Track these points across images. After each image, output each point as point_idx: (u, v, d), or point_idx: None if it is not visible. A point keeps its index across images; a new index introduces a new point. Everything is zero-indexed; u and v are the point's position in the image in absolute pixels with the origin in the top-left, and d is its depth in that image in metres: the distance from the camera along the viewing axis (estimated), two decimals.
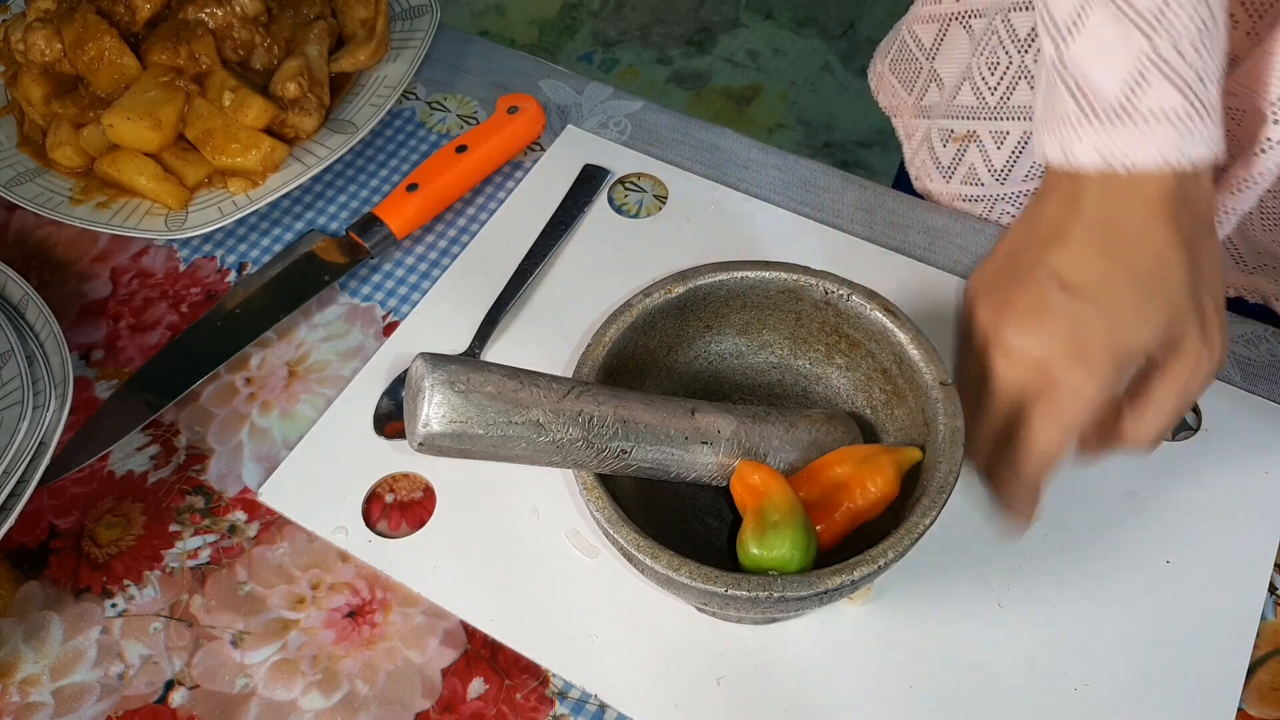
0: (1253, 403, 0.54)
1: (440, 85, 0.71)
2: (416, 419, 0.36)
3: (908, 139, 0.69)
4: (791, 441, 0.45)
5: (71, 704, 0.48)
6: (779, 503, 0.41)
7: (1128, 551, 0.50)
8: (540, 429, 0.38)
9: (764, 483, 0.42)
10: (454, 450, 0.37)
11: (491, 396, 0.37)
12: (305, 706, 0.48)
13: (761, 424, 0.45)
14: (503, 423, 0.37)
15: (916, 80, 0.66)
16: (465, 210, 0.64)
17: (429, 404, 0.36)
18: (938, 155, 0.64)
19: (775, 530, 0.41)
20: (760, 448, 0.44)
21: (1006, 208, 0.63)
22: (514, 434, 0.37)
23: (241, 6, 0.63)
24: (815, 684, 0.47)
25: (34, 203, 0.60)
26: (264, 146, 0.61)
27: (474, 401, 0.36)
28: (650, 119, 0.68)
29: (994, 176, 0.61)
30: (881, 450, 0.45)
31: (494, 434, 0.37)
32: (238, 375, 0.58)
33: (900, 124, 0.70)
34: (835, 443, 0.46)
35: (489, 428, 0.37)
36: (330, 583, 0.51)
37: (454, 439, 0.36)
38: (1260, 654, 0.47)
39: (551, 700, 0.47)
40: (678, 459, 0.42)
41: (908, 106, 0.68)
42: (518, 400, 0.37)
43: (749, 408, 0.46)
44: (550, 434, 0.38)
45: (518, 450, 0.38)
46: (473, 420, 0.36)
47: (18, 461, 0.48)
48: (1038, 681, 0.47)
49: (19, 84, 0.63)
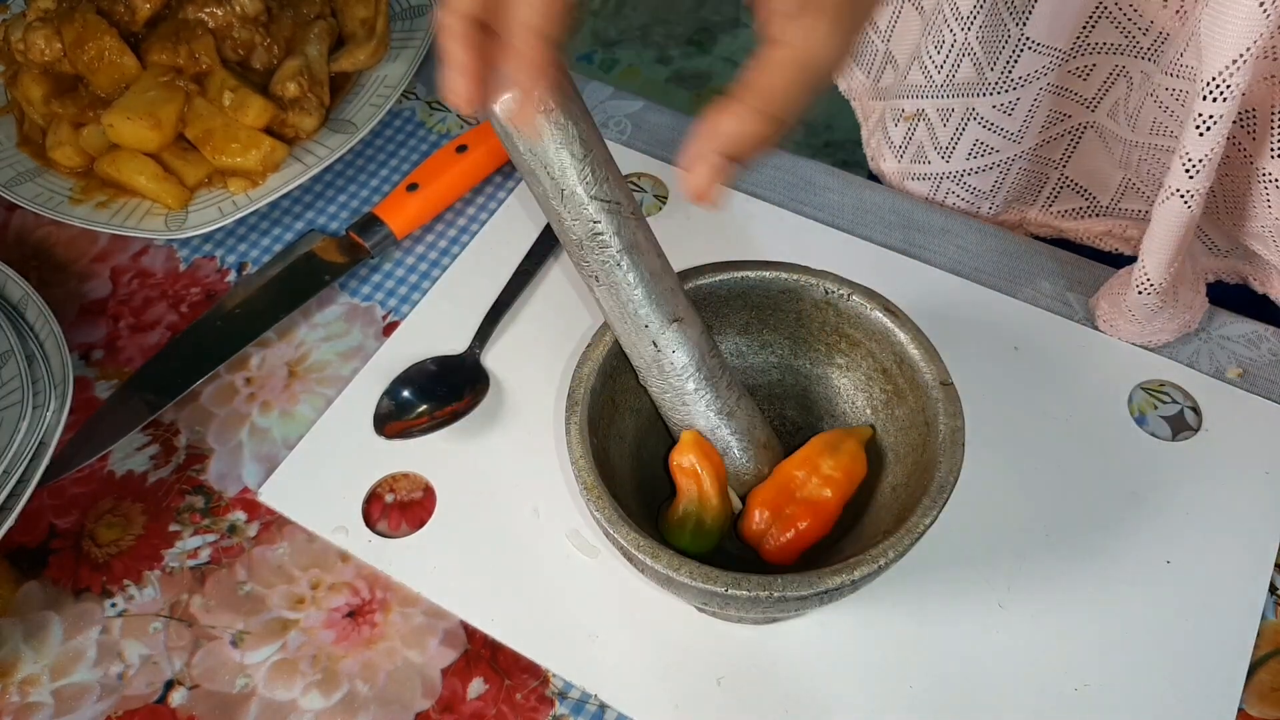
0: (1253, 403, 0.54)
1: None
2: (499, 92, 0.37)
3: (864, 121, 0.70)
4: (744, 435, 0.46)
5: (71, 704, 0.48)
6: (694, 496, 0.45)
7: (1127, 551, 0.50)
8: (562, 198, 0.39)
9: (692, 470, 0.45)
10: (501, 137, 0.39)
11: (556, 140, 0.38)
12: (305, 706, 0.48)
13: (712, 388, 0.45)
14: (540, 164, 0.38)
15: (874, 63, 0.67)
16: (465, 210, 0.64)
17: (513, 91, 0.36)
18: (890, 135, 0.64)
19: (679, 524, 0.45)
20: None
21: (952, 186, 0.63)
22: (538, 182, 0.39)
23: (241, 6, 0.63)
24: (815, 684, 0.47)
25: (34, 202, 0.60)
26: (264, 146, 0.61)
27: (538, 126, 0.38)
28: (650, 119, 0.68)
29: (939, 154, 0.62)
30: (838, 435, 0.46)
31: (528, 164, 0.39)
32: (238, 375, 0.58)
33: (859, 107, 0.71)
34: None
35: (528, 157, 0.38)
36: (330, 583, 0.51)
37: (503, 133, 0.38)
38: (1261, 654, 0.47)
39: (551, 700, 0.47)
40: (631, 344, 0.43)
41: (865, 89, 0.69)
42: (563, 164, 0.38)
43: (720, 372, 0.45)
44: (563, 215, 0.40)
45: (536, 190, 0.40)
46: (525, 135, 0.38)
47: (18, 461, 0.48)
48: (1038, 681, 0.47)
49: (19, 84, 0.63)
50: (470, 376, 0.56)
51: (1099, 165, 0.60)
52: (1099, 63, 0.55)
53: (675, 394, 0.44)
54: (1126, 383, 0.55)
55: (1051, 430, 0.53)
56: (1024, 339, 0.56)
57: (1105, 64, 0.54)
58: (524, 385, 0.56)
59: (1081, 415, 0.54)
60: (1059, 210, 0.63)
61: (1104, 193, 0.61)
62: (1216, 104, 0.44)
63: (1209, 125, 0.45)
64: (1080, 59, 0.55)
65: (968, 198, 0.63)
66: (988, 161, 0.61)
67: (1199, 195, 0.47)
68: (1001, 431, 0.53)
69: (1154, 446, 0.53)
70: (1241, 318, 0.57)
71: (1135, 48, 0.53)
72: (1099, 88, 0.56)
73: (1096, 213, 0.62)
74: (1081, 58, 0.55)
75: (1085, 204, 0.62)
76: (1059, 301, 0.58)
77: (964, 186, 0.63)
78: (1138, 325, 0.55)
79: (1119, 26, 0.52)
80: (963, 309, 0.58)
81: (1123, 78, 0.54)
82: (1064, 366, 0.55)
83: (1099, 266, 0.59)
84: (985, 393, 0.53)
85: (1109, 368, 0.55)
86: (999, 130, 0.59)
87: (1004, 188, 0.62)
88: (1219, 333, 0.56)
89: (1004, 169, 0.61)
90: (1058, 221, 0.64)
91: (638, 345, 0.43)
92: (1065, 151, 0.60)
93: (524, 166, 0.39)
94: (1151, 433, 0.53)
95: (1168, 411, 0.54)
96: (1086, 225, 0.63)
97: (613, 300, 0.42)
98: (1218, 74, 0.43)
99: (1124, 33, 0.52)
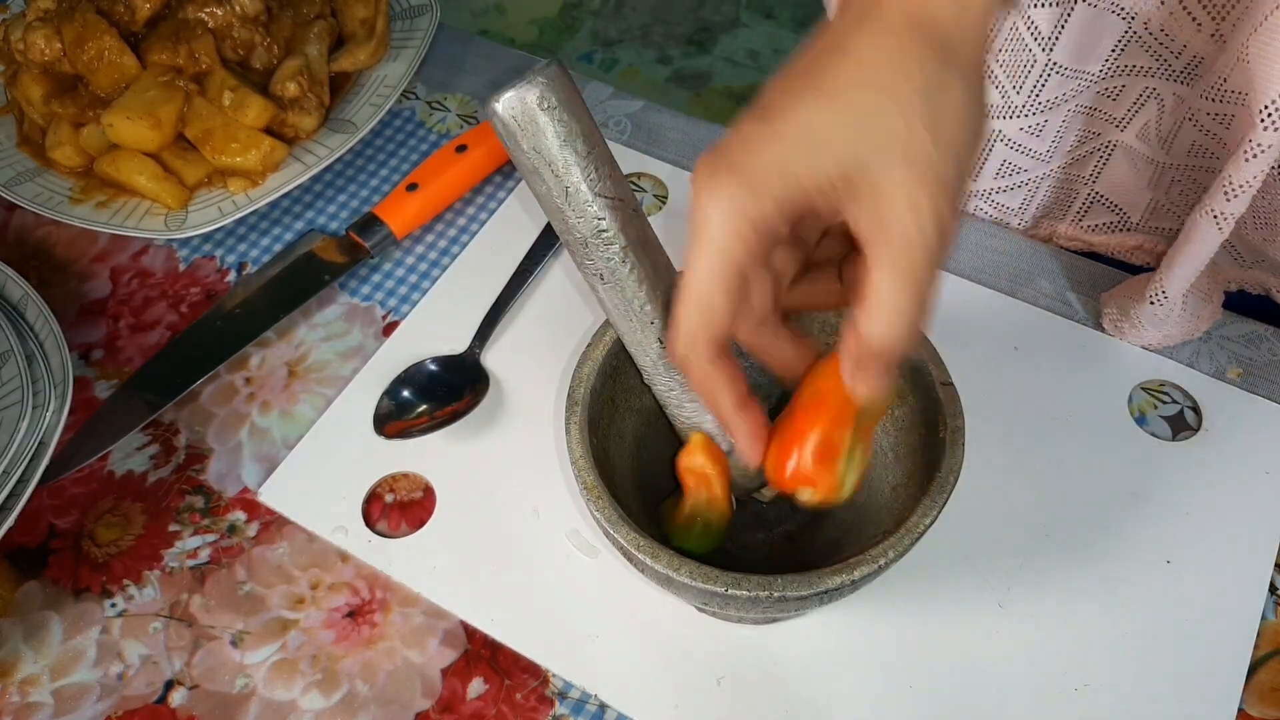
0: (1253, 403, 0.54)
1: (440, 85, 0.71)
2: (500, 91, 0.37)
3: None
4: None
5: (71, 704, 0.48)
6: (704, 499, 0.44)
7: (1128, 551, 0.50)
8: (566, 196, 0.39)
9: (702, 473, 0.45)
10: (503, 137, 0.38)
11: (558, 137, 0.38)
12: (305, 706, 0.48)
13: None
14: (544, 162, 0.38)
15: None
16: (465, 210, 0.64)
17: (514, 90, 0.37)
18: None
19: (686, 524, 0.44)
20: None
21: (980, 203, 0.63)
22: (541, 182, 0.39)
23: (241, 6, 0.63)
24: (815, 684, 0.47)
25: (33, 202, 0.60)
26: (264, 146, 0.61)
27: (541, 123, 0.37)
28: (650, 119, 0.68)
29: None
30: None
31: (530, 163, 0.38)
32: (237, 375, 0.58)
33: None
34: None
35: (531, 156, 0.38)
36: (330, 583, 0.51)
37: (505, 132, 0.38)
38: (1260, 654, 0.47)
39: (551, 700, 0.47)
40: (636, 342, 0.43)
41: None
42: (567, 161, 0.38)
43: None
44: (566, 213, 0.39)
45: (538, 190, 0.39)
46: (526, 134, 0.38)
47: (17, 461, 0.48)
48: (1038, 681, 0.47)
49: (19, 83, 0.63)
50: (470, 376, 0.56)
51: (1129, 182, 0.59)
52: (1129, 84, 0.53)
53: (681, 392, 0.44)
54: (1127, 383, 0.55)
55: (1052, 430, 0.53)
56: (1024, 339, 0.56)
57: (1135, 85, 0.53)
58: (524, 385, 0.56)
59: (1082, 415, 0.54)
60: (1090, 225, 0.62)
61: (1135, 210, 0.60)
62: (1268, 133, 0.44)
63: (1257, 152, 0.44)
64: (1110, 80, 0.54)
65: (996, 214, 0.63)
66: (1016, 180, 0.60)
67: (1233, 218, 0.47)
68: (1001, 431, 0.53)
69: (1154, 446, 0.53)
70: (1242, 317, 0.57)
71: (1167, 71, 0.52)
72: (1129, 108, 0.55)
73: (1128, 228, 0.61)
74: (1111, 79, 0.54)
75: (1116, 219, 0.61)
76: (1059, 301, 0.58)
77: (992, 204, 0.62)
78: (1145, 331, 0.54)
79: (1149, 50, 0.51)
80: (963, 309, 0.58)
81: (1153, 99, 0.54)
82: (1064, 366, 0.55)
83: (1099, 266, 0.59)
84: (985, 393, 0.53)
85: (1109, 368, 0.55)
86: (1027, 151, 0.58)
87: (1033, 204, 0.62)
88: (1219, 333, 0.56)
89: (1033, 187, 0.61)
90: (1088, 236, 0.63)
91: (643, 343, 0.43)
92: (1095, 168, 0.59)
93: (527, 166, 0.39)
94: (1151, 433, 0.53)
95: (1168, 411, 0.54)
96: (1119, 239, 0.62)
97: (617, 298, 0.42)
98: (1272, 101, 0.43)
99: (1155, 56, 0.51)
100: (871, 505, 0.46)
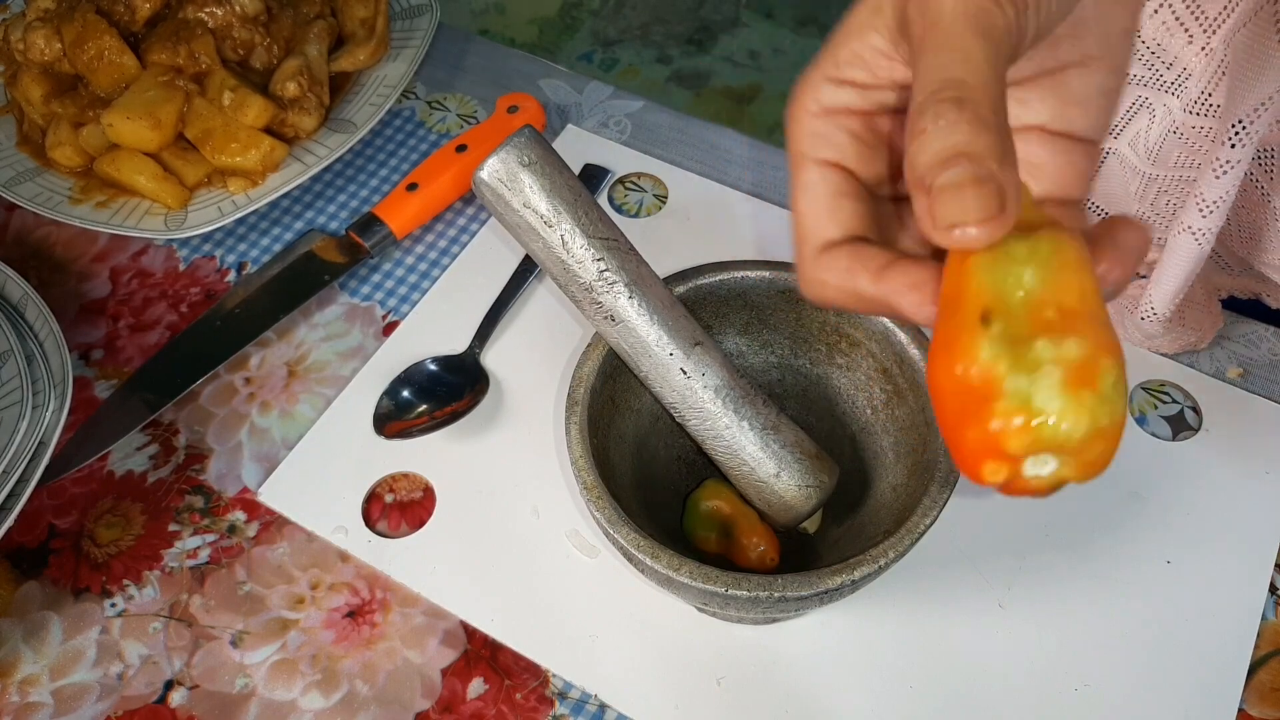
0: (1253, 403, 0.54)
1: (440, 85, 0.71)
2: (481, 165, 0.39)
3: None
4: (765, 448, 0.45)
5: (71, 704, 0.48)
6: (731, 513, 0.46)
7: (1128, 551, 0.50)
8: (563, 244, 0.40)
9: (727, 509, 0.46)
10: (493, 204, 0.40)
11: (544, 190, 0.39)
12: (305, 706, 0.48)
13: (751, 405, 0.44)
14: (536, 216, 0.40)
15: None
16: (465, 210, 0.64)
17: (494, 157, 0.39)
18: None
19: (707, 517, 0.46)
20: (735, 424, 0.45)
21: None
22: (537, 237, 0.40)
23: (241, 6, 0.63)
24: (815, 684, 0.47)
25: (33, 202, 0.60)
26: (263, 146, 0.61)
27: (525, 180, 0.39)
28: (650, 118, 0.68)
29: None
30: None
31: (524, 221, 0.40)
32: (237, 375, 0.58)
33: None
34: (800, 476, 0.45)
35: (523, 213, 0.40)
36: (330, 583, 0.51)
37: (494, 197, 0.40)
38: (1261, 654, 0.47)
39: (551, 700, 0.47)
40: (660, 377, 0.43)
41: None
42: (557, 209, 0.40)
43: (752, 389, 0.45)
44: (567, 262, 0.41)
45: (535, 247, 0.41)
46: (514, 192, 0.39)
47: (17, 461, 0.48)
48: (1038, 681, 0.47)
49: (19, 83, 0.63)
50: (470, 376, 0.56)
51: (1120, 191, 0.59)
52: (1125, 91, 0.54)
53: (714, 419, 0.44)
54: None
55: None
56: None
57: (1129, 94, 0.54)
58: (524, 385, 0.56)
59: None
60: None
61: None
62: (1235, 149, 0.44)
63: (1226, 169, 0.44)
64: None
65: None
66: None
67: (1211, 233, 0.47)
68: None
69: (1154, 446, 0.53)
70: (1241, 317, 0.57)
71: (1159, 81, 0.52)
72: (1124, 114, 0.55)
73: None
74: None
75: None
76: None
77: None
78: (1141, 338, 0.54)
79: (1142, 59, 0.52)
80: None
81: (1144, 109, 0.54)
82: None
83: None
84: None
85: None
86: None
87: None
88: (1219, 333, 0.56)
89: None
90: None
91: (667, 377, 0.43)
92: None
93: (522, 225, 0.40)
94: (1151, 433, 0.53)
95: (1168, 411, 0.54)
96: None
97: (631, 338, 0.42)
98: (1243, 117, 0.43)
99: (1148, 66, 0.52)
100: (871, 505, 0.46)
